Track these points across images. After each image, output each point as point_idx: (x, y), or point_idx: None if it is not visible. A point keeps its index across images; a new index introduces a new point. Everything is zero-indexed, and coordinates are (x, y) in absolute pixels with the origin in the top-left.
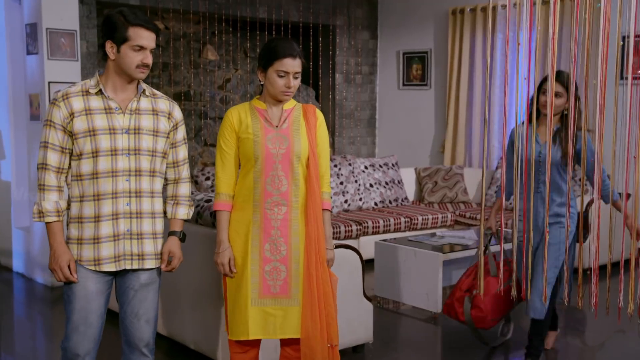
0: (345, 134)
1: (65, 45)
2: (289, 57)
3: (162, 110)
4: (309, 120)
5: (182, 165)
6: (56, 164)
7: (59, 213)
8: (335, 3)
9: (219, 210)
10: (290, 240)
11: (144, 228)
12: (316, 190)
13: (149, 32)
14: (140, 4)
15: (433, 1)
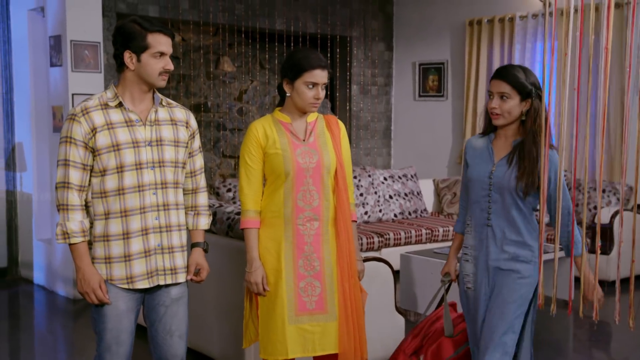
0: (362, 145)
1: (88, 57)
2: (318, 69)
3: (179, 119)
4: (333, 131)
5: (199, 175)
6: (78, 182)
7: (84, 233)
8: (351, 15)
9: (248, 228)
10: (323, 255)
11: (174, 241)
12: (345, 202)
13: (167, 37)
14: (159, 15)
15: (449, 12)
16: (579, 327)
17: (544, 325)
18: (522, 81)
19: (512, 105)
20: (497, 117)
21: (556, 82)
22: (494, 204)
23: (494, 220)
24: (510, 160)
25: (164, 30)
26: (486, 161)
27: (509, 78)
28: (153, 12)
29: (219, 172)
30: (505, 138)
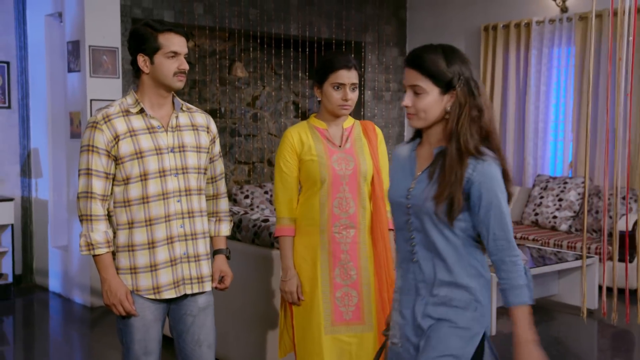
0: None
1: (107, 62)
2: (343, 69)
3: (200, 124)
4: (370, 137)
5: (219, 180)
6: (101, 191)
7: (109, 243)
8: (365, 20)
9: (283, 236)
10: (360, 264)
11: (200, 249)
12: (382, 210)
13: (179, 36)
14: (174, 20)
15: (464, 18)
16: (603, 336)
17: (568, 334)
18: (439, 68)
19: (429, 102)
20: (411, 117)
21: (573, 88)
22: (417, 233)
23: (419, 254)
24: (431, 174)
25: (175, 29)
26: (406, 176)
27: (422, 65)
28: (168, 17)
29: (233, 178)
30: (429, 145)
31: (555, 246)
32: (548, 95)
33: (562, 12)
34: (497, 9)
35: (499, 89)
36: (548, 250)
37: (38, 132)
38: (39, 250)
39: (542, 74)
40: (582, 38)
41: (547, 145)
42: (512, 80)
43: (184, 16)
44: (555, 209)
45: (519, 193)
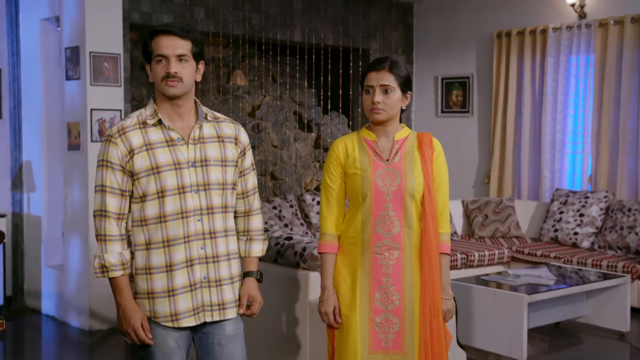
0: None
1: (108, 70)
2: (372, 71)
3: (227, 135)
4: (425, 151)
5: (252, 195)
6: (116, 209)
7: (124, 266)
8: (371, 26)
9: (324, 253)
10: (404, 289)
11: (222, 273)
12: (431, 231)
13: (168, 37)
14: None
15: (475, 24)
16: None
17: (599, 359)
18: None
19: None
20: None
21: (593, 98)
22: None
23: None
24: None
25: (167, 30)
26: None
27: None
28: (167, 21)
29: None
30: None
31: (579, 264)
32: (566, 105)
33: (581, 18)
34: (511, 14)
35: (513, 99)
36: (569, 268)
37: (31, 143)
38: (30, 270)
39: (560, 83)
40: (602, 45)
41: (565, 158)
42: (527, 89)
43: (185, 21)
44: (577, 224)
45: (536, 208)
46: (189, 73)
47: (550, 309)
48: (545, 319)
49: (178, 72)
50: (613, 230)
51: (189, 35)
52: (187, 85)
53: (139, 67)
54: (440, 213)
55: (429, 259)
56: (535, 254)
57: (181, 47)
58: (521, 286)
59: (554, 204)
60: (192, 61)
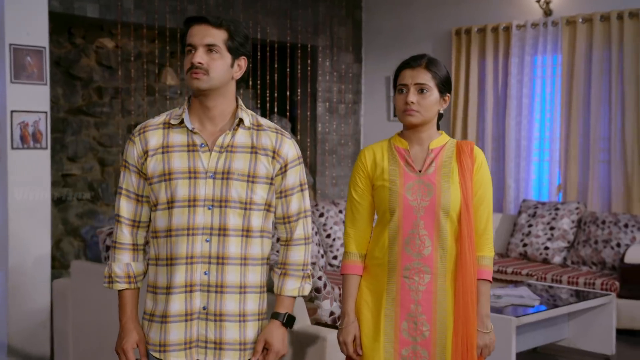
0: (327, 174)
1: (31, 65)
2: (407, 68)
3: (264, 146)
4: (464, 162)
5: (295, 222)
6: (129, 215)
7: (129, 279)
8: (317, 21)
9: (347, 274)
10: (435, 318)
11: (227, 307)
12: (468, 254)
13: (200, 25)
14: (99, 16)
15: (431, 20)
16: None
17: None
18: None
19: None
20: None
21: (561, 101)
22: None
23: None
24: None
25: (199, 18)
26: None
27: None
28: (92, 11)
29: None
30: None
31: (553, 282)
32: (531, 109)
33: (546, 15)
34: (471, 10)
35: (474, 102)
36: (551, 287)
37: None
38: None
39: (524, 85)
40: (569, 45)
41: (531, 166)
42: (490, 91)
43: (111, 11)
44: (547, 239)
45: (501, 221)
46: (218, 66)
47: (532, 332)
48: (527, 344)
49: (204, 63)
50: (587, 244)
51: (225, 25)
52: (216, 79)
53: (53, 62)
54: (481, 233)
55: (464, 285)
56: (505, 272)
57: (212, 36)
58: (505, 307)
59: (521, 217)
60: (225, 54)
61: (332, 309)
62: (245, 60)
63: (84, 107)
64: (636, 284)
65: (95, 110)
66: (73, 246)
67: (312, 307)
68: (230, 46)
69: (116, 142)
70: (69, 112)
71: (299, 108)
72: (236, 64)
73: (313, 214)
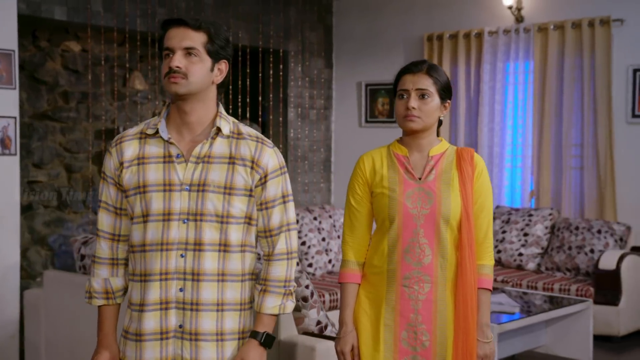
0: (299, 180)
1: (0, 69)
2: (408, 74)
3: (243, 156)
4: (464, 169)
5: (277, 235)
6: (109, 228)
7: (107, 294)
8: (288, 25)
9: (345, 282)
10: (435, 328)
11: (203, 325)
12: (468, 263)
13: (178, 27)
14: (67, 19)
15: (403, 26)
16: None
17: None
18: None
19: None
20: None
21: (533, 108)
22: None
23: None
24: None
25: (175, 21)
26: None
27: None
28: (60, 14)
29: None
30: None
31: (529, 288)
32: (504, 116)
33: (518, 22)
34: (443, 16)
35: None
36: (528, 293)
37: None
38: None
39: (497, 92)
40: (541, 51)
41: (504, 173)
42: (462, 98)
43: (79, 13)
44: (521, 245)
45: None
46: (197, 70)
47: (510, 340)
48: (505, 351)
49: (182, 67)
50: (560, 250)
51: (204, 27)
52: (195, 84)
53: None
54: (481, 242)
55: (464, 294)
56: None
57: (190, 39)
58: None
59: (495, 223)
60: (205, 57)
61: (319, 318)
62: (226, 64)
63: (49, 112)
64: (611, 290)
65: (61, 115)
66: (40, 255)
67: (299, 317)
68: (210, 49)
69: (83, 148)
70: (34, 117)
71: (270, 113)
72: (216, 68)
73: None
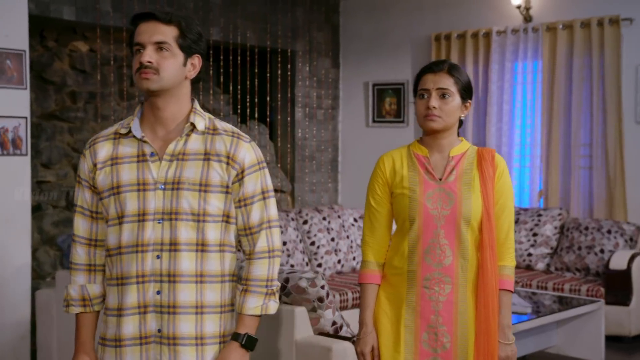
0: (307, 180)
1: (11, 69)
2: (429, 73)
3: (218, 152)
4: (485, 170)
5: (257, 233)
6: (85, 233)
7: (84, 302)
8: (295, 25)
9: (365, 283)
10: (456, 330)
11: (181, 329)
12: (489, 264)
13: (148, 22)
14: (76, 19)
15: (410, 25)
16: None
17: None
18: None
19: None
20: None
21: (542, 107)
22: None
23: None
24: None
25: (144, 15)
26: None
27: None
28: (68, 14)
29: None
30: None
31: (539, 288)
32: (512, 116)
33: (526, 21)
34: (451, 16)
35: None
36: (538, 293)
37: None
38: None
39: (505, 91)
40: (550, 51)
41: (512, 173)
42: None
43: (87, 14)
44: (530, 245)
45: None
46: (169, 65)
47: (522, 340)
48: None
49: (153, 62)
50: (570, 250)
51: (175, 21)
52: (167, 79)
53: None
54: (502, 242)
55: (485, 295)
56: None
57: (161, 34)
58: None
59: None
60: (177, 52)
61: (334, 318)
62: (199, 59)
63: (57, 112)
64: (621, 290)
65: (69, 115)
66: (49, 255)
67: (315, 317)
68: (182, 44)
69: None
70: (42, 117)
71: (278, 113)
72: (189, 63)
73: (297, 221)
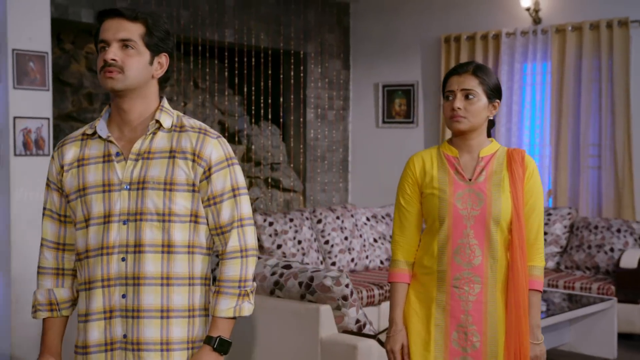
0: (319, 180)
1: (34, 71)
2: (454, 75)
3: (184, 149)
4: (515, 171)
5: (228, 232)
6: (53, 237)
7: (51, 306)
8: (307, 27)
9: (395, 282)
10: (486, 329)
11: (145, 334)
12: (519, 264)
13: (113, 19)
14: (93, 21)
15: (420, 27)
16: None
17: None
18: None
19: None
20: None
21: (550, 108)
22: None
23: None
24: None
25: (109, 12)
26: None
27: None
28: (86, 16)
29: None
30: None
31: (550, 286)
32: (521, 116)
33: (536, 23)
34: (460, 17)
35: None
36: (549, 291)
37: None
38: None
39: (514, 92)
40: (559, 52)
41: None
42: None
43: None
44: None
45: None
46: (135, 63)
47: None
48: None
49: (118, 60)
50: (580, 249)
51: (141, 18)
52: (133, 78)
53: None
54: (532, 243)
55: (516, 296)
56: None
57: (126, 31)
58: None
59: None
60: (143, 50)
61: (358, 316)
62: (166, 58)
63: (74, 113)
64: (632, 289)
65: (86, 116)
66: None
67: (339, 315)
68: (148, 42)
69: None
70: (59, 118)
71: (290, 114)
72: (156, 62)
73: (311, 220)
